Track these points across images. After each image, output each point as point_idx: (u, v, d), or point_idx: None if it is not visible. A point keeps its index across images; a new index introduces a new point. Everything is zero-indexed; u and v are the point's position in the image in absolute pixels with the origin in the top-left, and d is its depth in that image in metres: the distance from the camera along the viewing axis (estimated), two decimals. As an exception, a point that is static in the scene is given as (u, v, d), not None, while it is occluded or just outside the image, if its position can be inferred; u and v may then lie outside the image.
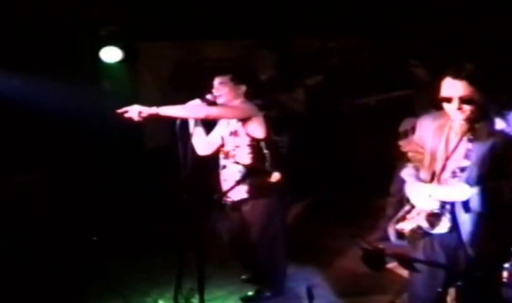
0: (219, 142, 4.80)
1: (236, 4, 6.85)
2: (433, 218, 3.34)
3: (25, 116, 5.92)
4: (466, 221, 3.28)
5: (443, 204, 3.33)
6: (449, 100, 3.27)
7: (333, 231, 6.26)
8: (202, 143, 4.77)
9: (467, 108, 3.24)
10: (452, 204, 3.30)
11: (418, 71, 6.03)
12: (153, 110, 4.31)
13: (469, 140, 3.30)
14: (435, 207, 3.37)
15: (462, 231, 3.29)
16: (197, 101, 4.58)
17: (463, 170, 3.29)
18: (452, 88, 3.24)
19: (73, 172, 6.45)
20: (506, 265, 3.26)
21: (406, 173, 3.66)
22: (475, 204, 3.21)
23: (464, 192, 3.20)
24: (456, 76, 3.23)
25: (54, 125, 6.09)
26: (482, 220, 3.25)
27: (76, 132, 6.21)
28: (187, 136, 4.55)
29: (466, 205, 3.25)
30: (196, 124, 4.68)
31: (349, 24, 7.18)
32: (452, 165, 3.33)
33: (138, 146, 6.70)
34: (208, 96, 4.60)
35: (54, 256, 5.54)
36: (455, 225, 3.31)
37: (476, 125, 3.31)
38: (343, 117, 7.23)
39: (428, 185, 3.45)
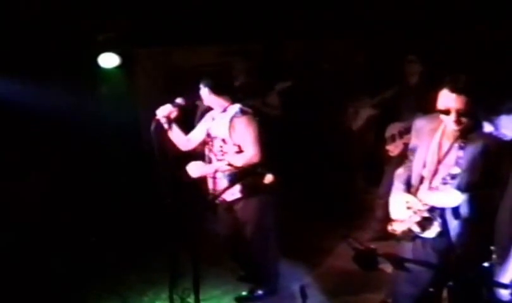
0: (202, 138, 4.87)
1: (231, 10, 6.93)
2: (425, 222, 3.42)
3: (25, 120, 5.96)
4: (456, 226, 3.34)
5: (433, 209, 3.42)
6: (446, 112, 3.32)
7: (325, 231, 6.27)
8: (182, 140, 4.87)
9: (464, 120, 3.31)
10: (443, 210, 3.35)
11: (413, 66, 6.05)
12: None
13: (461, 147, 3.35)
14: (406, 217, 3.47)
15: (452, 235, 3.35)
16: (168, 106, 4.61)
17: (453, 177, 3.32)
18: (450, 100, 3.25)
19: (72, 174, 6.48)
20: (486, 264, 3.31)
21: (398, 177, 3.74)
22: (465, 210, 3.25)
23: (455, 198, 3.24)
24: (453, 89, 3.27)
25: (54, 129, 6.14)
26: (471, 225, 3.30)
27: (75, 135, 6.25)
28: (163, 139, 4.61)
29: (456, 211, 3.29)
30: (169, 124, 4.72)
31: (342, 28, 7.24)
32: (443, 170, 3.37)
33: (136, 149, 6.73)
34: (178, 100, 4.63)
35: (53, 256, 5.57)
36: (445, 230, 3.36)
37: (467, 131, 3.38)
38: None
39: (407, 195, 3.55)
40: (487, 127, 3.64)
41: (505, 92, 4.09)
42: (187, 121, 5.04)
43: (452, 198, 3.27)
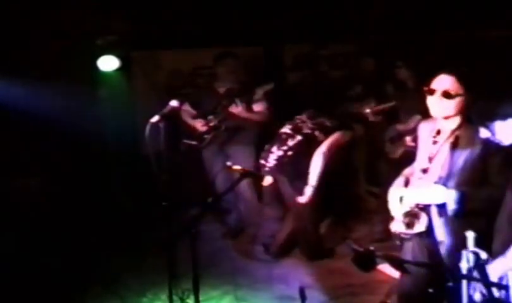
0: None
1: (230, 12, 6.96)
2: (410, 218, 3.44)
3: (25, 122, 5.97)
4: (441, 224, 3.35)
5: (420, 207, 3.43)
6: (431, 92, 3.37)
7: (325, 233, 6.27)
8: None
9: (446, 102, 3.32)
10: (429, 207, 3.36)
11: (401, 72, 6.10)
12: None
13: (451, 149, 3.37)
14: (403, 211, 3.47)
15: (437, 234, 3.37)
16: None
17: (440, 177, 3.35)
18: (440, 80, 3.31)
19: (71, 176, 6.50)
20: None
21: (402, 174, 3.76)
22: (449, 208, 3.25)
23: (439, 194, 3.25)
24: (450, 72, 3.31)
25: (54, 131, 6.14)
26: (456, 223, 3.29)
27: (75, 138, 6.26)
28: (158, 141, 4.60)
29: (440, 209, 3.31)
30: None
31: (340, 31, 7.27)
32: (433, 170, 3.40)
33: (135, 151, 6.76)
34: (173, 103, 4.58)
35: (52, 257, 5.56)
36: (431, 228, 3.37)
37: (461, 132, 3.41)
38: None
39: (402, 189, 3.56)
40: (484, 132, 3.65)
41: (501, 97, 4.11)
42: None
43: (437, 194, 3.27)
